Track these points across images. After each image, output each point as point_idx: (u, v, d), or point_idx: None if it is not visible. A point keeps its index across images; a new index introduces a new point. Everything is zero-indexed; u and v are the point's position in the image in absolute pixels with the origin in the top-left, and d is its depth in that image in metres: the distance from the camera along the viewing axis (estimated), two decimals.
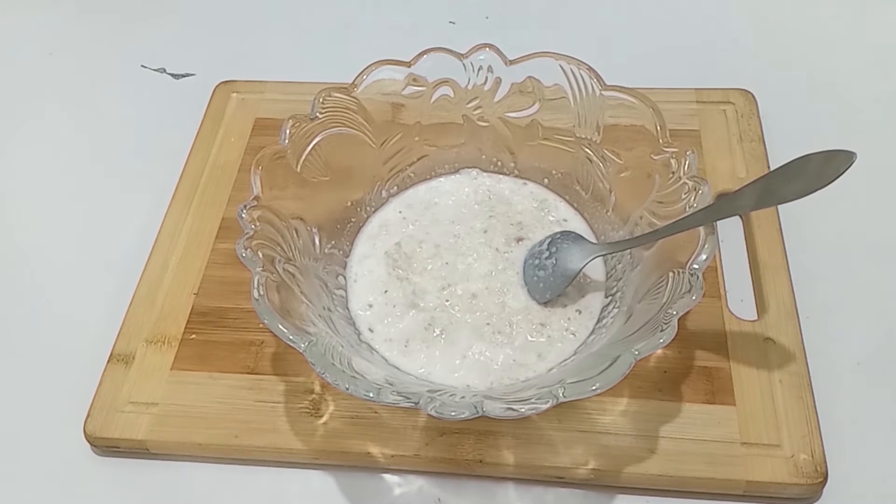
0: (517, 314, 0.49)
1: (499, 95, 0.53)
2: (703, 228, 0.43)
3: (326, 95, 0.50)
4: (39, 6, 0.77)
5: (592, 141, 0.51)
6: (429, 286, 0.51)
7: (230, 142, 0.62)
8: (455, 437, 0.46)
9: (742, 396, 0.47)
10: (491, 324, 0.49)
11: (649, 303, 0.44)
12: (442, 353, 0.48)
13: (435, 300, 0.50)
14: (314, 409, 0.48)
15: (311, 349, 0.40)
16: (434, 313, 0.50)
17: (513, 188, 0.55)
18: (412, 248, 0.52)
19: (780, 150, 0.59)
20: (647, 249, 0.48)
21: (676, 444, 0.45)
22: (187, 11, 0.76)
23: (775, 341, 0.49)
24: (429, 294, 0.50)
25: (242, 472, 0.47)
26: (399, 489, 0.46)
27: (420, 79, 0.52)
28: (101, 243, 0.59)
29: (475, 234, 0.53)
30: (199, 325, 0.52)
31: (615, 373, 0.38)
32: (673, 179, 0.47)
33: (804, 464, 0.44)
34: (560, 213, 0.54)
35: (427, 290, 0.51)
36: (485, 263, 0.52)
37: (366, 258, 0.53)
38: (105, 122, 0.67)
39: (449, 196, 0.56)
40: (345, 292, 0.51)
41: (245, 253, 0.43)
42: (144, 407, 0.48)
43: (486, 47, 0.52)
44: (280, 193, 0.47)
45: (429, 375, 0.47)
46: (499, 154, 0.55)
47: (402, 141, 0.54)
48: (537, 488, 0.46)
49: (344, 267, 0.52)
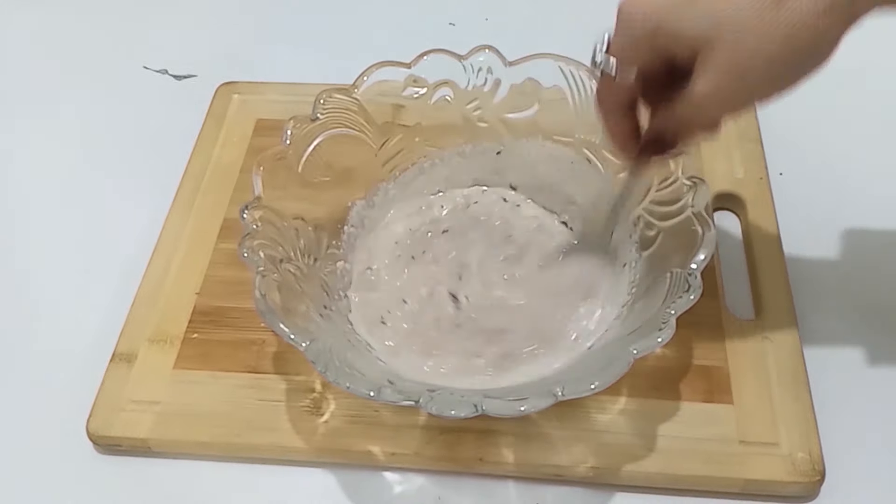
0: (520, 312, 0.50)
1: (498, 96, 0.53)
2: (701, 228, 0.44)
3: (327, 96, 0.51)
4: (40, 6, 0.77)
5: (592, 142, 0.52)
6: (428, 286, 0.51)
7: (232, 142, 0.62)
8: (455, 435, 0.47)
9: (740, 395, 0.47)
10: (492, 324, 0.49)
11: (648, 302, 0.44)
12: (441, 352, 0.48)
13: (434, 299, 0.50)
14: (315, 407, 0.48)
15: (312, 348, 0.40)
16: (434, 313, 0.50)
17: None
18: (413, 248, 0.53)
19: (778, 151, 0.59)
20: (645, 249, 0.48)
21: (674, 443, 0.46)
22: (189, 13, 0.76)
23: (773, 340, 0.49)
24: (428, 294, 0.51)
25: (244, 471, 0.48)
26: (399, 487, 0.47)
27: (420, 80, 0.52)
28: (104, 243, 0.59)
29: (475, 233, 0.54)
30: (201, 324, 0.52)
31: (614, 372, 0.39)
32: (671, 180, 0.47)
33: (802, 462, 0.44)
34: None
35: (427, 290, 0.51)
36: (485, 264, 0.52)
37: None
38: (107, 123, 0.67)
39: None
40: (345, 292, 0.51)
41: (246, 253, 0.43)
42: (147, 406, 0.49)
43: (485, 49, 0.52)
44: (281, 194, 0.48)
45: (429, 375, 0.47)
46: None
47: (402, 142, 0.54)
48: (537, 486, 0.46)
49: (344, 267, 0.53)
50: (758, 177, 0.57)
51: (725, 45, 0.36)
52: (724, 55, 0.36)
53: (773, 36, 0.35)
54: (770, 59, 0.36)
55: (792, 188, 0.58)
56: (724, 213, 0.57)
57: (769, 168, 0.58)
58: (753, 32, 0.35)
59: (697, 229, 0.44)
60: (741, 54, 0.36)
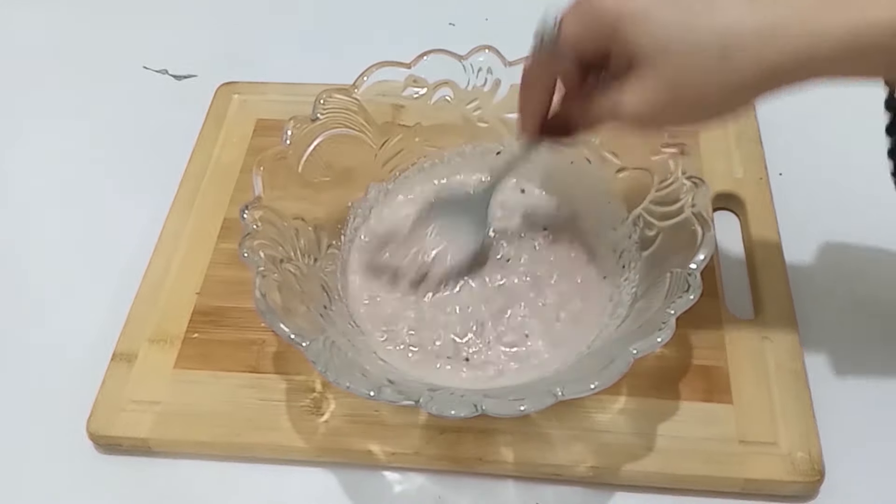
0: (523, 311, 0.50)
1: (498, 96, 0.53)
2: (700, 228, 0.44)
3: (327, 97, 0.51)
4: (40, 6, 0.77)
5: (591, 141, 0.52)
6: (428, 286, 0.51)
7: (232, 143, 0.62)
8: (455, 435, 0.47)
9: (739, 395, 0.47)
10: (492, 325, 0.49)
11: (648, 302, 0.44)
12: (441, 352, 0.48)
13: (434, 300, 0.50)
14: (315, 407, 0.48)
15: (312, 348, 0.40)
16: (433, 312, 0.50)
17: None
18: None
19: (778, 151, 0.59)
20: (645, 249, 0.48)
21: (674, 442, 0.46)
22: (189, 13, 0.77)
23: (772, 340, 0.49)
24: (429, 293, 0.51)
25: (244, 470, 0.48)
26: (399, 487, 0.47)
27: (420, 80, 0.52)
28: (104, 243, 0.59)
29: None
30: (201, 324, 0.52)
31: (614, 371, 0.39)
32: (671, 180, 0.47)
33: (801, 462, 0.45)
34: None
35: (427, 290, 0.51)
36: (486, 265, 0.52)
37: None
38: (107, 123, 0.67)
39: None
40: (345, 292, 0.51)
41: (247, 253, 0.44)
42: (147, 405, 0.49)
43: (485, 49, 0.52)
44: (281, 194, 0.48)
45: (429, 375, 0.47)
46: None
47: (402, 142, 0.54)
48: (536, 486, 0.46)
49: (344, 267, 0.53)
50: (757, 177, 0.57)
51: (663, 73, 0.37)
52: (660, 82, 0.37)
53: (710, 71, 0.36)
54: (703, 94, 0.37)
55: (792, 188, 0.58)
56: (724, 214, 0.57)
57: (769, 168, 0.58)
58: (692, 65, 0.36)
59: (697, 229, 0.44)
60: (677, 84, 0.37)
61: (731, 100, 0.37)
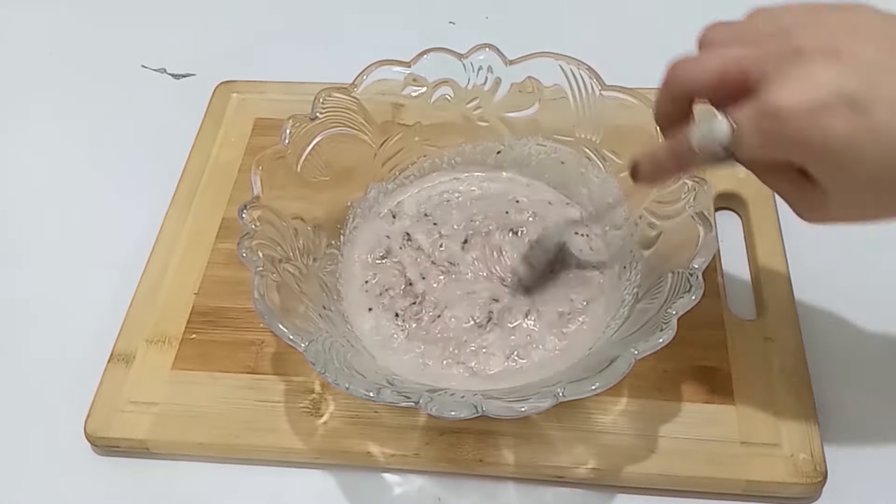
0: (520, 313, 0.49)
1: (499, 95, 0.53)
2: (702, 228, 0.44)
3: (326, 95, 0.51)
4: (40, 6, 0.77)
5: (592, 141, 0.52)
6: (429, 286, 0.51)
7: (230, 142, 0.62)
8: (455, 436, 0.47)
9: (741, 396, 0.47)
10: (491, 325, 0.49)
11: (649, 302, 0.44)
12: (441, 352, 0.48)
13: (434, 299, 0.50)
14: (314, 408, 0.48)
15: (311, 349, 0.40)
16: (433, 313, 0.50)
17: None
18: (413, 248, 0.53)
19: None
20: (646, 249, 0.48)
21: (676, 444, 0.45)
22: (188, 12, 0.76)
23: (775, 341, 0.49)
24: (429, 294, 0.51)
25: (243, 472, 0.47)
26: (399, 489, 0.47)
27: (420, 79, 0.52)
28: (102, 243, 0.59)
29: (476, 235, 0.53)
30: (199, 324, 0.52)
31: (615, 372, 0.38)
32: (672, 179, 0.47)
33: (803, 463, 0.44)
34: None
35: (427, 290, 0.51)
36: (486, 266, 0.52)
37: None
38: (105, 123, 0.67)
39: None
40: (344, 292, 0.51)
41: (245, 253, 0.43)
42: (145, 406, 0.48)
43: (485, 47, 0.52)
44: (280, 193, 0.47)
45: (428, 374, 0.47)
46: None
47: (401, 141, 0.54)
48: (537, 488, 0.46)
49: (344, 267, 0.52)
50: None
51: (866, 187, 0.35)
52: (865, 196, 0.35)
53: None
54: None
55: None
56: (726, 213, 0.56)
57: None
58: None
59: (699, 229, 0.44)
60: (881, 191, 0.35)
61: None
